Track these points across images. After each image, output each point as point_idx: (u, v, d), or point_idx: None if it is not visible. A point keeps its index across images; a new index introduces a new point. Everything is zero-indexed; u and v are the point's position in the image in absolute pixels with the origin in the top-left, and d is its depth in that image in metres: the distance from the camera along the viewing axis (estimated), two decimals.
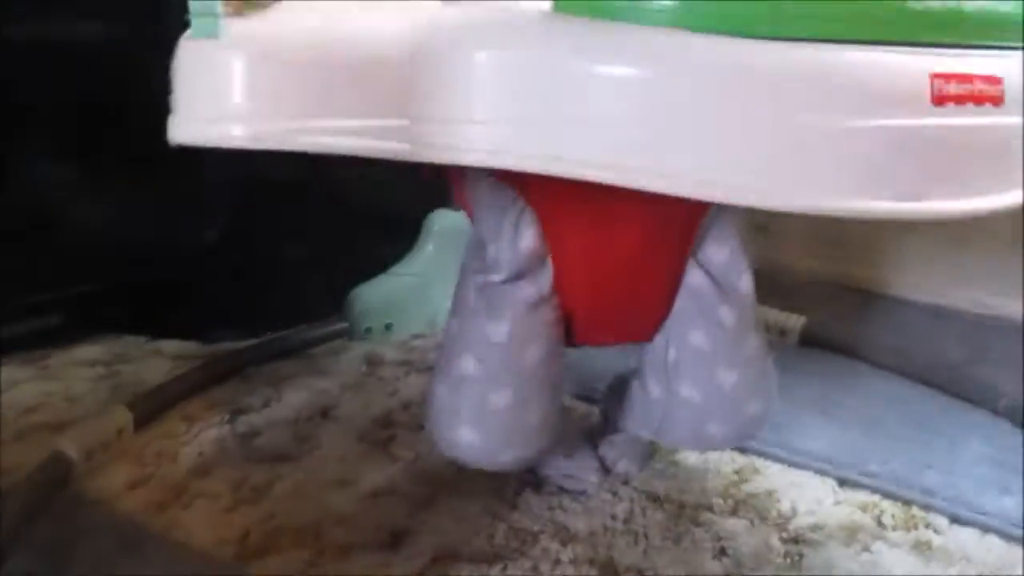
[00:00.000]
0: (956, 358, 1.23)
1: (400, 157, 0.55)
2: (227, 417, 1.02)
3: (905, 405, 1.08)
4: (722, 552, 0.78)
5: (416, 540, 0.78)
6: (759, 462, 0.94)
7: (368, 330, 1.28)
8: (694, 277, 0.75)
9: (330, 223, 1.45)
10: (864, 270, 1.55)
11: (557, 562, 0.75)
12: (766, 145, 0.46)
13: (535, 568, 0.74)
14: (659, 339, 0.79)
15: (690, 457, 0.95)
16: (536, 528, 0.80)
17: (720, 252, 0.75)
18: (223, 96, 0.54)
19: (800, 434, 0.98)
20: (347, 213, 1.44)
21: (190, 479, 0.88)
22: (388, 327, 1.29)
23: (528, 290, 0.72)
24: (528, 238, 0.71)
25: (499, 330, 0.72)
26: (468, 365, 0.73)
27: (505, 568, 0.74)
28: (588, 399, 1.07)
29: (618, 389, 0.91)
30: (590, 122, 0.48)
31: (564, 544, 0.78)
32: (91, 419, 0.96)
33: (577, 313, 0.75)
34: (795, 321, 1.27)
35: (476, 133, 0.51)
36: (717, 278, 0.75)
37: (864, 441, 0.97)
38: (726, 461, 0.93)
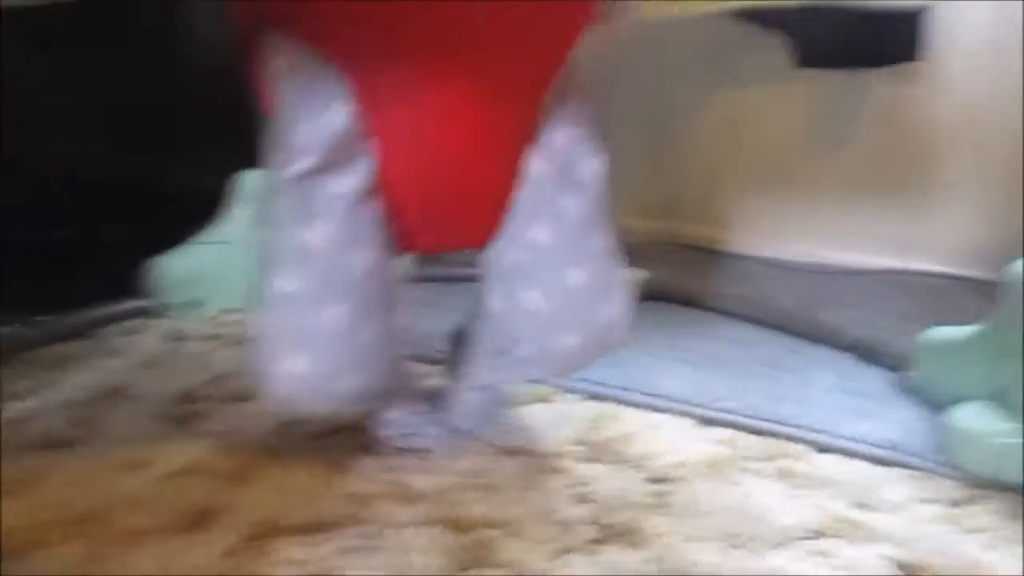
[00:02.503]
0: (796, 304, 1.22)
1: None
2: None
3: (754, 347, 1.04)
4: (583, 498, 0.69)
5: (223, 519, 0.65)
6: (613, 407, 0.86)
7: (171, 306, 1.11)
8: (535, 164, 0.66)
9: (122, 197, 1.29)
10: (700, 229, 1.54)
11: (400, 525, 0.64)
12: None
13: (371, 533, 0.63)
14: (498, 243, 0.69)
15: (540, 408, 0.86)
16: (372, 491, 0.69)
17: (562, 135, 0.66)
18: None
19: (653, 378, 0.92)
20: (142, 186, 1.29)
21: None
22: (196, 302, 1.13)
23: (346, 182, 0.61)
24: (341, 113, 0.60)
25: (316, 233, 0.61)
26: (286, 281, 0.61)
27: (337, 537, 0.62)
28: (426, 359, 0.96)
29: (460, 336, 0.81)
30: None
31: (406, 504, 0.67)
32: None
33: (405, 211, 0.65)
34: (635, 276, 1.22)
35: None
36: (559, 164, 0.66)
37: (717, 380, 0.92)
38: (579, 410, 0.86)
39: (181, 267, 1.13)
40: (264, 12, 0.63)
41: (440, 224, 0.67)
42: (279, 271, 0.62)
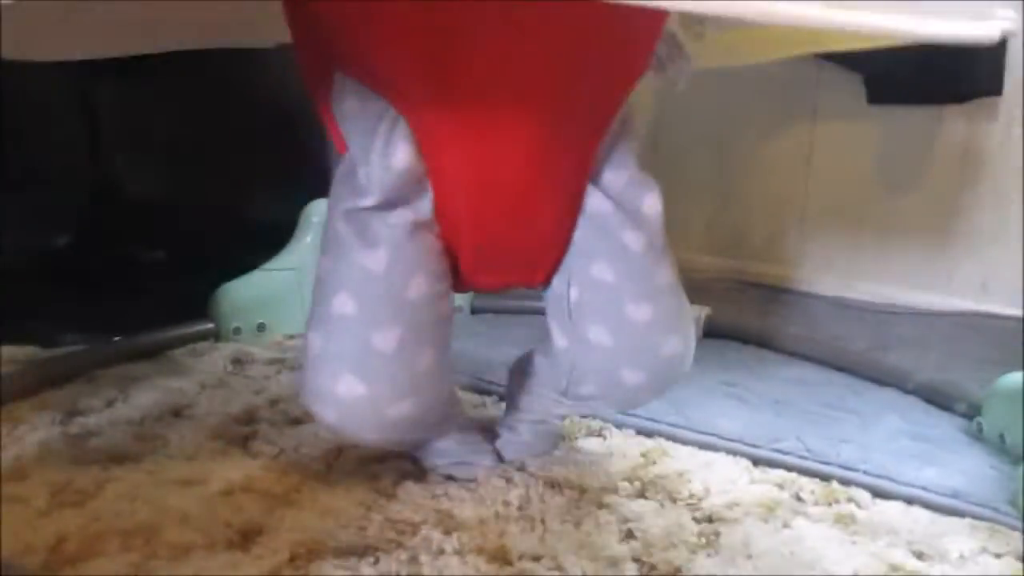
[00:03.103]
0: (861, 345, 1.19)
1: None
2: (59, 418, 0.87)
3: (815, 387, 1.02)
4: (629, 534, 0.68)
5: (271, 538, 0.66)
6: (667, 444, 0.85)
7: (237, 330, 1.15)
8: (594, 203, 0.67)
9: (196, 223, 1.35)
10: (765, 267, 1.51)
11: (440, 552, 0.64)
12: None
13: (413, 559, 0.63)
14: (558, 280, 0.70)
15: (592, 442, 0.85)
16: (417, 518, 0.69)
17: (619, 176, 0.67)
18: None
19: (709, 417, 0.90)
20: (216, 212, 1.35)
21: None
22: (260, 327, 1.16)
23: (406, 215, 0.62)
24: (403, 153, 0.61)
25: (376, 259, 0.62)
26: (345, 304, 0.62)
27: (377, 561, 0.63)
28: (481, 391, 0.97)
29: (521, 367, 0.81)
30: None
31: (448, 533, 0.66)
32: None
33: (463, 248, 0.66)
34: (698, 312, 1.21)
35: None
36: (619, 201, 0.66)
37: (776, 421, 0.90)
38: (631, 445, 0.85)
39: (248, 293, 1.16)
40: (329, 56, 0.65)
41: (497, 261, 0.68)
42: (337, 293, 0.63)
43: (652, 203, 0.67)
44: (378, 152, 0.61)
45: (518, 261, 0.69)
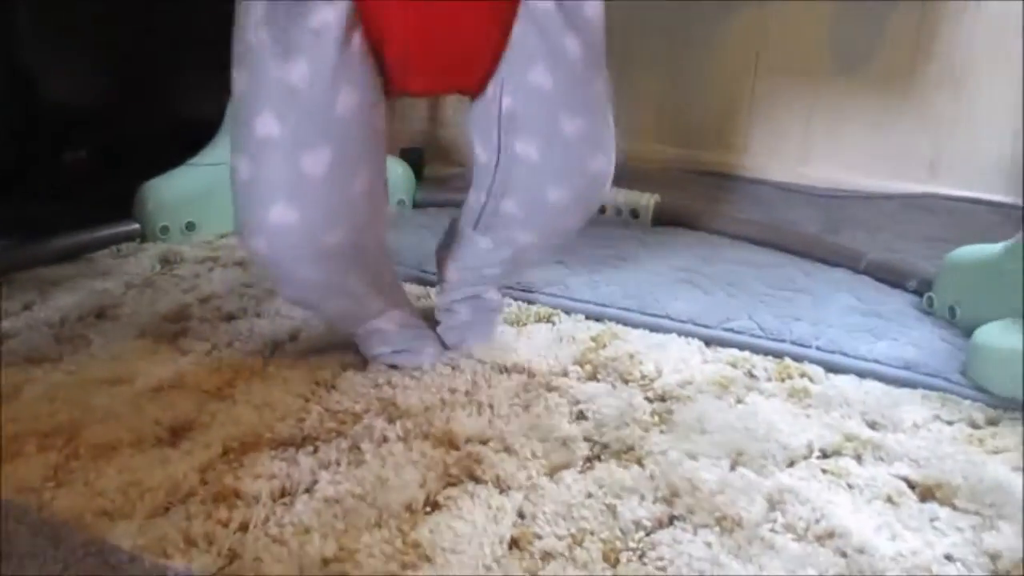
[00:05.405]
0: (812, 229, 1.17)
1: None
2: None
3: (767, 269, 1.00)
4: (580, 415, 0.66)
5: (202, 433, 0.62)
6: (617, 328, 0.83)
7: (164, 229, 1.08)
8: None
9: (119, 120, 1.27)
10: (715, 155, 1.48)
11: (384, 440, 0.61)
12: None
13: (355, 447, 0.60)
14: (491, 88, 0.65)
15: (541, 328, 0.82)
16: (359, 408, 0.65)
17: None
18: None
19: (661, 301, 0.88)
20: (138, 108, 1.26)
21: None
22: (190, 225, 1.10)
23: (325, 13, 0.56)
24: None
25: (298, 71, 0.56)
26: (268, 124, 0.57)
27: (316, 451, 0.59)
28: (424, 282, 0.93)
29: (445, 239, 0.77)
30: None
31: (392, 421, 0.63)
32: None
33: (389, 46, 0.60)
34: (648, 199, 1.18)
35: None
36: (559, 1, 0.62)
37: (728, 302, 0.88)
38: (581, 329, 0.82)
39: (175, 190, 1.10)
40: None
41: (429, 61, 0.62)
42: (260, 112, 0.57)
43: (594, 5, 0.62)
44: None
45: (452, 60, 0.63)
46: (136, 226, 1.08)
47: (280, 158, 0.57)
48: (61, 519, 0.52)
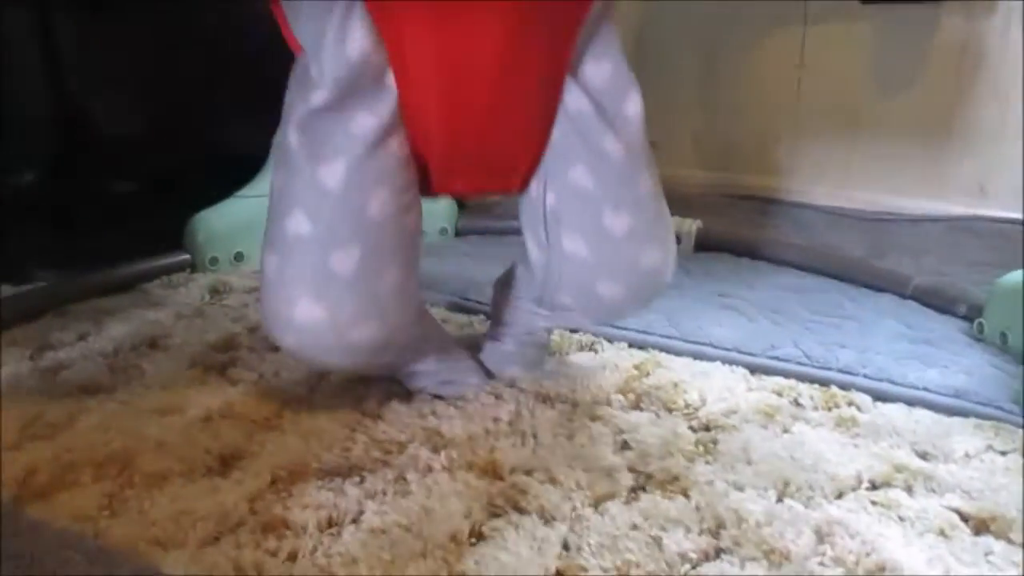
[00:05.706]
0: (857, 253, 1.16)
1: None
2: (30, 353, 0.84)
3: (811, 295, 0.99)
4: (624, 445, 0.66)
5: (252, 462, 0.63)
6: (660, 356, 0.82)
7: (214, 260, 1.11)
8: (573, 100, 0.62)
9: (169, 154, 1.30)
10: (756, 178, 1.47)
11: (428, 469, 0.61)
12: None
13: (400, 477, 0.60)
14: (535, 186, 0.66)
15: (583, 356, 0.83)
16: (404, 438, 0.66)
17: (600, 70, 0.62)
18: None
19: (704, 327, 0.87)
20: (189, 142, 1.30)
21: None
22: (238, 256, 1.12)
23: (365, 120, 0.58)
24: (359, 38, 0.56)
25: (332, 173, 0.57)
26: (299, 223, 0.58)
27: (363, 480, 0.60)
28: (467, 311, 0.94)
29: (504, 281, 0.78)
30: None
31: (436, 450, 0.64)
32: None
33: (432, 150, 0.61)
34: (689, 225, 1.18)
35: None
36: (599, 101, 0.62)
37: (772, 329, 0.87)
38: (624, 357, 0.82)
39: (224, 221, 1.12)
40: None
41: (471, 164, 0.63)
42: (291, 211, 0.59)
43: (634, 104, 0.63)
44: (331, 39, 0.56)
45: (493, 163, 0.64)
46: (186, 257, 1.11)
47: (309, 256, 0.58)
48: (115, 547, 0.53)
